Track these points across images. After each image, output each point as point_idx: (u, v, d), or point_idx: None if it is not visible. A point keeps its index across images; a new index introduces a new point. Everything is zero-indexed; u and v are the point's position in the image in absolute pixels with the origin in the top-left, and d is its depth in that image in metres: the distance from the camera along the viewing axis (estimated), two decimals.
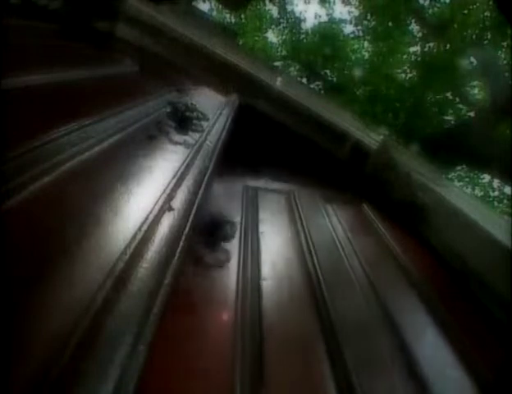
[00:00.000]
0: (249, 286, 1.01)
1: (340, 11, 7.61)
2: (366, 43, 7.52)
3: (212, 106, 1.48)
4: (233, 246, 1.16)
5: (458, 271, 1.47)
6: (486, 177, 6.48)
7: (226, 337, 0.81)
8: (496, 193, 6.57)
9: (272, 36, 8.31)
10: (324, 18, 7.69)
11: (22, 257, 0.45)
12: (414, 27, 6.76)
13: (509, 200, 6.15)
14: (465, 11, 5.73)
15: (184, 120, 1.10)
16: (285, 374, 0.80)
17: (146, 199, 0.68)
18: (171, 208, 0.70)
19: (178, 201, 0.74)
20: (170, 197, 0.73)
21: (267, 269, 1.12)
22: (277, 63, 7.48)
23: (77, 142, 0.70)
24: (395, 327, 1.06)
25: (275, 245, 1.29)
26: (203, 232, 1.13)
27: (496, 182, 6.37)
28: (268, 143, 2.03)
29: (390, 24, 6.53)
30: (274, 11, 8.11)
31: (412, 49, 6.90)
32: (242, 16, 7.92)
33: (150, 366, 0.45)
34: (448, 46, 5.81)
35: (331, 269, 1.23)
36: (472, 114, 5.90)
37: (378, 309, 1.12)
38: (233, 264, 1.09)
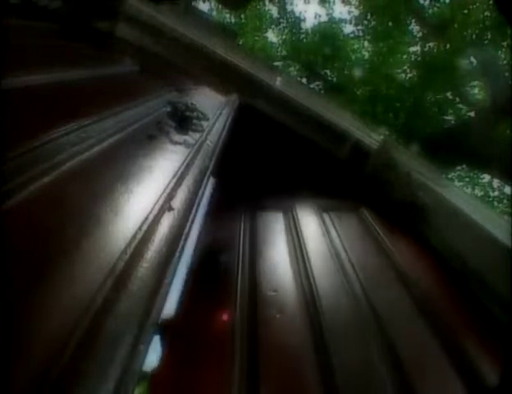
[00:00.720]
0: (246, 314, 1.03)
1: (340, 11, 7.59)
2: (366, 43, 7.51)
3: (212, 106, 1.48)
4: (231, 269, 1.18)
5: (458, 271, 1.47)
6: (486, 177, 6.48)
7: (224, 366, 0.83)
8: (496, 193, 6.56)
9: (272, 36, 8.30)
10: (324, 18, 7.68)
11: (22, 257, 0.44)
12: (414, 27, 6.76)
13: (509, 200, 6.14)
14: (465, 11, 5.72)
15: (184, 120, 1.10)
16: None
17: (146, 198, 0.68)
18: (171, 208, 0.70)
19: (178, 201, 0.74)
20: (170, 197, 0.73)
21: (263, 297, 1.13)
22: (277, 63, 7.48)
23: (77, 142, 0.70)
24: (391, 340, 1.07)
25: (272, 268, 1.31)
26: (200, 263, 1.14)
27: (496, 182, 6.36)
28: (268, 143, 2.03)
29: (390, 24, 6.53)
30: (274, 11, 8.10)
31: (412, 49, 6.89)
32: (242, 16, 7.91)
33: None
34: (448, 46, 5.80)
35: (328, 288, 1.24)
36: (472, 114, 5.89)
37: (375, 326, 1.13)
38: (231, 292, 1.11)
